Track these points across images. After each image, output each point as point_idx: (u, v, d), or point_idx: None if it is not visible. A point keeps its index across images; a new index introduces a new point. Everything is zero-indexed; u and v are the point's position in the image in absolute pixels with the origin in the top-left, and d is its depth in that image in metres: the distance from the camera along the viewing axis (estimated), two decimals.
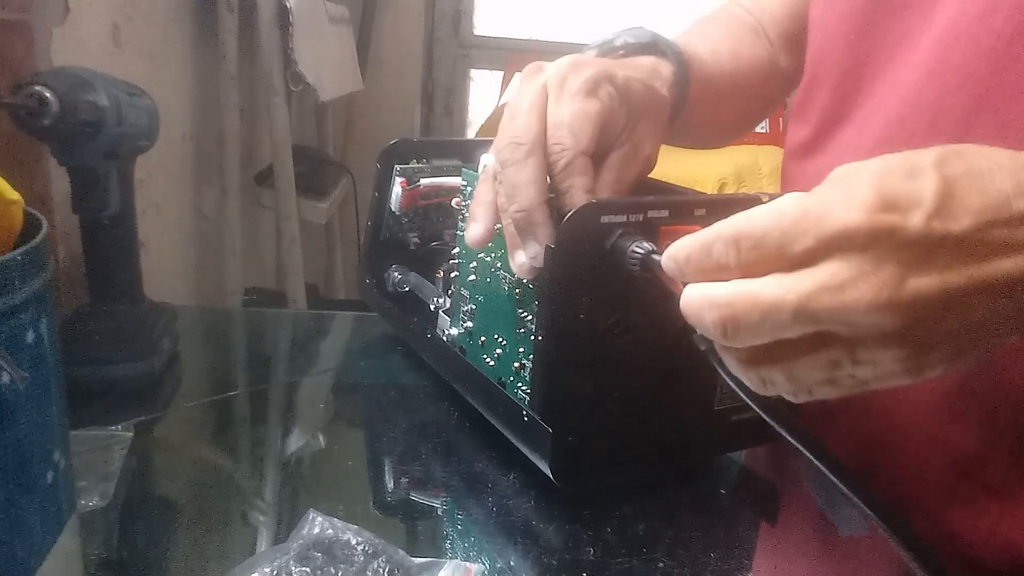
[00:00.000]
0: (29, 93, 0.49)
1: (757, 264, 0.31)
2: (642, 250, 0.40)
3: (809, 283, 0.30)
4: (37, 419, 0.34)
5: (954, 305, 0.29)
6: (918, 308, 0.29)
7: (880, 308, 0.29)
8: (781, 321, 0.30)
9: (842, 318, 0.30)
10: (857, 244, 0.29)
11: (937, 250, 0.29)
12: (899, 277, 0.29)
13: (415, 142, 0.65)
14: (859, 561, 0.48)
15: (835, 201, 0.30)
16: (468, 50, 2.35)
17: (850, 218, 0.29)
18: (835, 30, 0.59)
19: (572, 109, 0.45)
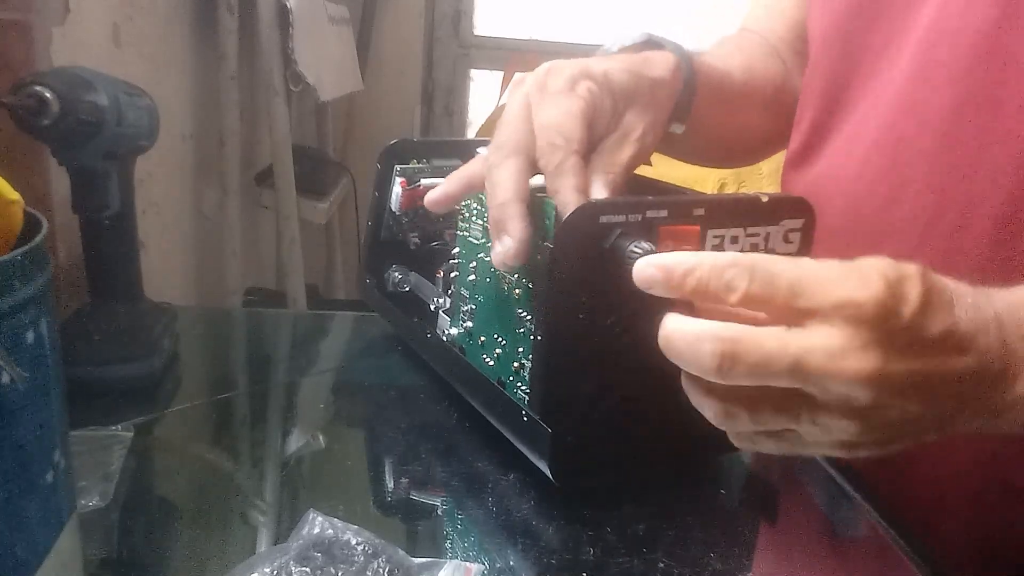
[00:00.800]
0: (29, 93, 0.49)
1: (761, 300, 0.33)
2: (641, 250, 0.40)
3: (809, 342, 0.32)
4: (37, 419, 0.34)
5: (914, 390, 0.33)
6: (886, 389, 0.32)
7: (861, 381, 0.32)
8: (775, 371, 0.32)
9: (825, 383, 0.32)
10: (862, 318, 0.32)
11: (914, 344, 0.33)
12: (884, 359, 0.32)
13: (415, 142, 0.65)
14: (859, 561, 0.48)
15: (852, 275, 0.33)
16: (468, 50, 2.35)
17: (863, 293, 0.32)
18: (821, 42, 0.59)
19: (556, 110, 0.46)
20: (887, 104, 0.53)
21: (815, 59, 0.60)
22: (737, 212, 0.46)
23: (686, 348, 0.34)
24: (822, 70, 0.59)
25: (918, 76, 0.50)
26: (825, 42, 0.59)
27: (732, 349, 0.33)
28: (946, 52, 0.48)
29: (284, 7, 1.38)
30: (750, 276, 0.33)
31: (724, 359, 0.33)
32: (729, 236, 0.46)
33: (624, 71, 0.49)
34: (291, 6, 1.37)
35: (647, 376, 0.46)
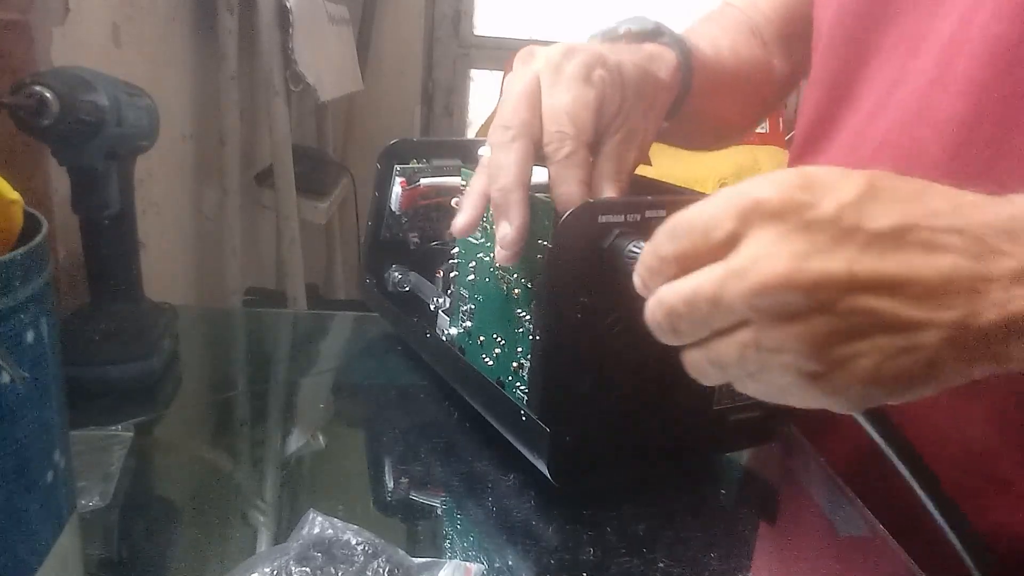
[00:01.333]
0: (29, 93, 0.49)
1: (690, 255, 0.32)
2: (639, 249, 0.40)
3: (723, 269, 0.30)
4: (37, 419, 0.34)
5: (867, 293, 0.29)
6: (821, 289, 0.29)
7: (778, 282, 0.29)
8: (702, 311, 0.31)
9: (749, 302, 0.30)
10: (766, 215, 0.29)
11: (847, 238, 0.29)
12: (803, 254, 0.29)
13: (415, 142, 0.65)
14: (859, 561, 0.48)
15: (756, 182, 0.31)
16: (468, 50, 2.35)
17: (763, 191, 0.30)
18: (829, 32, 0.59)
19: (570, 96, 0.45)
20: (900, 107, 0.52)
21: (822, 50, 0.60)
22: None
23: (654, 326, 0.33)
24: (828, 62, 0.59)
25: (937, 83, 0.50)
26: (832, 34, 0.59)
27: (669, 308, 0.32)
28: (966, 63, 0.48)
29: (284, 7, 1.38)
30: (672, 237, 0.32)
31: (671, 317, 0.32)
32: None
33: (635, 66, 0.48)
34: (291, 6, 1.37)
35: (646, 376, 0.46)
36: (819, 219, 0.29)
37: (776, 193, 0.30)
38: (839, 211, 0.29)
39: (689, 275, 0.32)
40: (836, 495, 0.51)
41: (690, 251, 0.32)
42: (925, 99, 0.50)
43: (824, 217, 0.29)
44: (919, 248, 0.29)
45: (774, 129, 2.24)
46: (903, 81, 0.53)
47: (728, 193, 0.31)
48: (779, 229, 0.29)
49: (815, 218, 0.29)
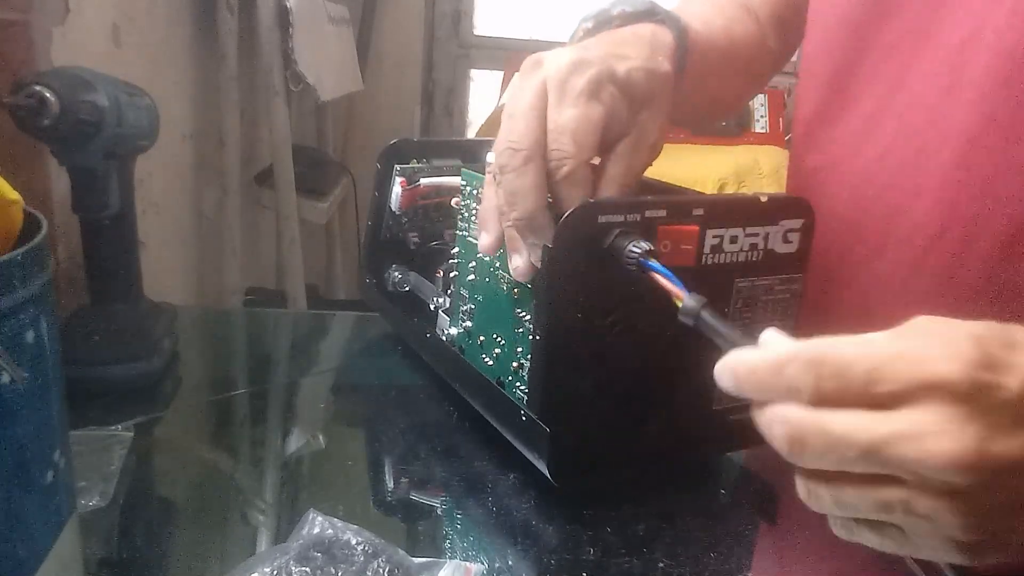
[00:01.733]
0: (29, 93, 0.49)
1: (834, 397, 0.29)
2: (639, 249, 0.40)
3: (887, 427, 0.29)
4: (37, 419, 0.34)
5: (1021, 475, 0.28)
6: (995, 471, 0.28)
7: (959, 465, 0.28)
8: (847, 457, 0.29)
9: (915, 468, 0.28)
10: (953, 396, 0.28)
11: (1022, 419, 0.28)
12: (986, 438, 0.28)
13: (415, 142, 0.65)
14: (859, 561, 0.48)
15: (935, 350, 0.29)
16: (468, 50, 2.35)
17: (952, 369, 0.28)
18: (829, 25, 0.59)
19: (575, 115, 0.44)
20: (906, 112, 0.52)
21: (819, 43, 0.60)
22: (736, 212, 0.46)
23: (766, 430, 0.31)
24: (825, 57, 0.59)
25: (948, 92, 0.49)
26: (830, 27, 0.58)
27: (799, 435, 0.30)
28: (978, 72, 0.47)
29: (284, 7, 1.38)
30: (816, 372, 0.30)
31: (792, 443, 0.30)
32: (728, 236, 0.46)
33: (642, 71, 0.47)
34: (291, 6, 1.37)
35: (646, 376, 0.46)
36: (1004, 402, 0.28)
37: (961, 373, 0.28)
38: (1020, 394, 0.28)
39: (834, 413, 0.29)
40: None
41: (837, 395, 0.30)
42: (935, 107, 0.50)
43: (1008, 400, 0.28)
44: None
45: (774, 129, 2.24)
46: (906, 83, 0.52)
47: (896, 350, 0.29)
48: (964, 409, 0.28)
49: (1000, 401, 0.28)
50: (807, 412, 0.30)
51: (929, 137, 0.50)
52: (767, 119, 2.25)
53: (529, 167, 0.43)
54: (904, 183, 0.52)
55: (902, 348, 0.30)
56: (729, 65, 0.62)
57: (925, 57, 0.51)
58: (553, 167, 0.44)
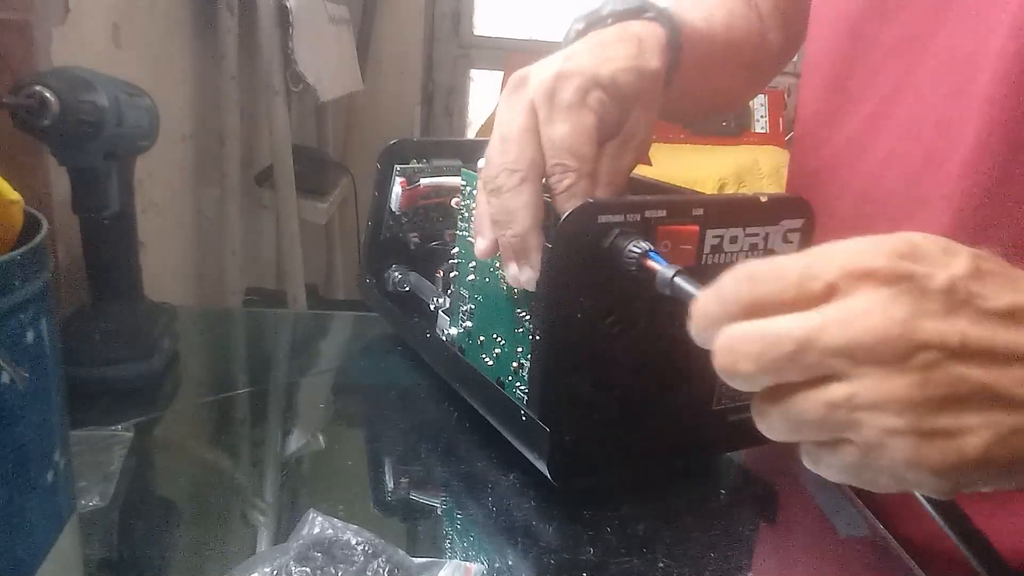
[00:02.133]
0: (29, 93, 0.49)
1: (772, 302, 0.29)
2: (639, 249, 0.40)
3: (818, 318, 0.28)
4: (37, 419, 0.34)
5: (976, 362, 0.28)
6: (932, 348, 0.27)
7: (885, 339, 0.27)
8: (783, 355, 0.29)
9: (847, 354, 0.28)
10: (879, 280, 0.28)
11: (959, 310, 0.28)
12: (913, 316, 0.28)
13: (415, 142, 0.65)
14: (859, 561, 0.48)
15: (862, 244, 0.29)
16: (468, 50, 2.35)
17: (876, 258, 0.29)
18: (831, 24, 0.58)
19: (568, 128, 0.44)
20: (909, 115, 0.52)
21: (820, 43, 0.60)
22: (736, 212, 0.46)
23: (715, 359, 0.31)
24: (828, 54, 0.59)
25: (955, 98, 0.49)
26: (832, 25, 0.58)
27: (731, 351, 0.30)
28: (985, 79, 0.47)
29: (284, 7, 1.38)
30: (752, 281, 0.30)
31: (728, 362, 0.30)
32: (728, 236, 0.46)
33: (628, 71, 0.47)
34: (291, 6, 1.37)
35: (646, 376, 0.46)
36: (931, 289, 0.28)
37: (887, 259, 0.28)
38: (951, 283, 0.28)
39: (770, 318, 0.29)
40: (836, 495, 0.51)
41: (772, 298, 0.30)
42: (942, 113, 0.50)
43: (936, 287, 0.28)
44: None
45: (774, 129, 2.24)
46: (908, 85, 0.52)
47: (828, 250, 0.30)
48: (891, 291, 0.28)
49: (927, 287, 0.28)
50: (742, 323, 0.30)
51: (937, 144, 0.50)
52: (767, 119, 2.25)
53: (524, 187, 0.44)
54: (910, 190, 0.51)
55: (833, 246, 0.30)
56: (730, 59, 0.62)
57: (928, 60, 0.51)
58: (553, 182, 0.44)
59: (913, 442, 0.28)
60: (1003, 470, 0.29)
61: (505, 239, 0.45)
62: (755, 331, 0.29)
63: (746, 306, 0.30)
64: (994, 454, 0.28)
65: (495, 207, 0.45)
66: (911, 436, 0.28)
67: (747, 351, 0.29)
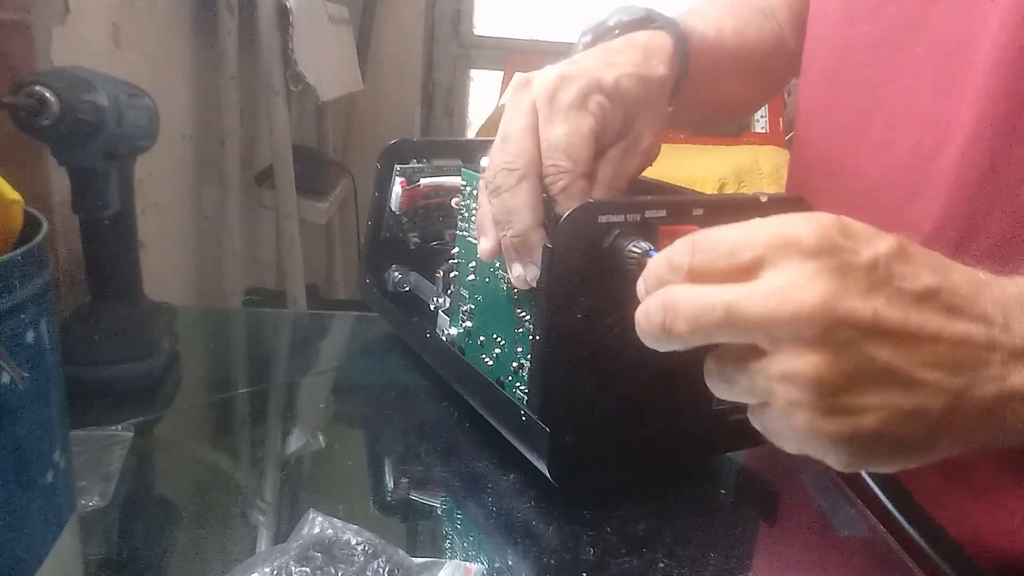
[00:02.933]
0: (29, 93, 0.49)
1: (706, 270, 0.32)
2: (639, 249, 0.41)
3: (746, 289, 0.30)
4: (37, 419, 0.34)
5: (887, 342, 0.29)
6: (845, 327, 0.29)
7: (804, 314, 0.29)
8: (712, 321, 0.31)
9: (768, 326, 0.30)
10: (804, 253, 0.30)
11: (878, 288, 0.29)
12: (833, 293, 0.29)
13: (415, 142, 0.65)
14: (859, 561, 0.48)
15: (794, 218, 0.31)
16: (468, 50, 2.35)
17: (801, 230, 0.30)
18: (825, 17, 0.59)
19: (566, 130, 0.44)
20: (898, 105, 0.52)
21: (817, 33, 0.60)
22: (736, 212, 0.46)
23: (642, 320, 0.33)
24: (822, 46, 0.59)
25: (942, 89, 0.49)
26: (825, 17, 0.59)
27: (671, 309, 0.32)
28: (974, 72, 0.47)
29: (284, 7, 1.38)
30: (691, 249, 0.32)
31: (666, 319, 0.32)
32: None
33: (633, 77, 0.48)
34: (291, 6, 1.37)
35: (646, 376, 0.46)
36: (854, 264, 0.29)
37: (814, 233, 0.30)
38: (874, 261, 0.30)
39: (700, 286, 0.32)
40: (836, 495, 0.51)
41: (706, 266, 0.32)
42: (931, 105, 0.50)
43: (859, 264, 0.30)
44: (941, 311, 0.30)
45: (774, 129, 2.24)
46: (897, 76, 0.52)
47: (761, 223, 0.32)
48: (813, 266, 0.29)
49: (851, 263, 0.29)
50: (677, 286, 0.32)
51: (926, 135, 0.50)
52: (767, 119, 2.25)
53: (523, 186, 0.44)
54: (900, 180, 0.52)
55: (765, 221, 0.32)
56: (741, 66, 0.62)
57: (917, 50, 0.51)
58: (549, 182, 0.44)
59: (813, 415, 0.30)
60: (899, 449, 0.31)
61: (507, 239, 0.45)
62: (689, 294, 0.31)
63: (686, 272, 0.32)
64: (889, 433, 0.30)
65: (496, 207, 0.45)
66: (812, 410, 0.30)
67: (683, 311, 0.31)
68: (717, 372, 0.33)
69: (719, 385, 0.34)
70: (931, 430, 0.30)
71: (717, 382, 0.34)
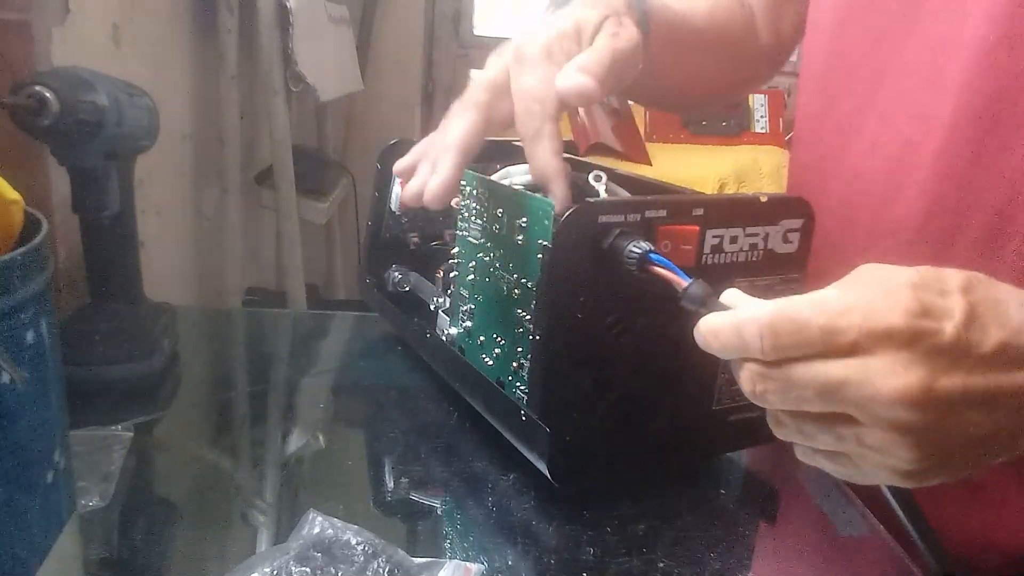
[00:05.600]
0: (29, 93, 0.49)
1: (795, 352, 0.33)
2: (640, 250, 0.41)
3: (843, 372, 0.32)
4: (37, 419, 0.34)
5: (972, 408, 0.32)
6: (940, 406, 0.32)
7: (906, 402, 0.31)
8: (805, 397, 0.33)
9: (866, 406, 0.32)
10: (899, 343, 0.32)
11: (963, 359, 0.32)
12: (929, 377, 0.31)
13: (415, 142, 0.65)
14: (859, 561, 0.48)
15: (878, 302, 0.32)
16: (468, 50, 2.35)
17: (895, 319, 0.32)
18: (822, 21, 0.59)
19: (533, 78, 0.46)
20: (888, 104, 0.53)
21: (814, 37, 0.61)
22: (736, 212, 0.46)
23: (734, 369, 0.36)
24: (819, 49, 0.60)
25: (930, 85, 0.50)
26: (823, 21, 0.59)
27: (763, 380, 0.34)
28: (957, 65, 0.48)
29: (284, 7, 1.38)
30: (773, 332, 0.33)
31: (755, 382, 0.34)
32: (728, 236, 0.46)
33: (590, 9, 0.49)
34: (291, 6, 1.37)
35: (646, 376, 0.46)
36: (941, 346, 0.32)
37: (904, 321, 0.32)
38: (956, 337, 0.32)
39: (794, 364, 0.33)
40: (836, 495, 0.51)
41: (793, 350, 0.33)
42: (918, 100, 0.51)
43: (944, 344, 0.32)
44: (1011, 365, 0.32)
45: (774, 129, 2.24)
46: (888, 76, 0.53)
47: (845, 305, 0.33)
48: (908, 354, 0.32)
49: (938, 345, 0.32)
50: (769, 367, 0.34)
51: (913, 130, 0.51)
52: (767, 119, 2.25)
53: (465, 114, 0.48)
54: (890, 176, 0.52)
55: (850, 302, 0.33)
56: (708, 43, 0.63)
57: (907, 50, 0.52)
58: (522, 131, 0.46)
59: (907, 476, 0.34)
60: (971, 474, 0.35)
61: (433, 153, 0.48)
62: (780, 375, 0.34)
63: (767, 353, 0.33)
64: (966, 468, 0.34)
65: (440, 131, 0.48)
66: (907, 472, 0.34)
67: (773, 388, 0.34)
68: (794, 427, 0.35)
69: (793, 435, 0.36)
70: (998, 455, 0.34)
71: (791, 432, 0.36)
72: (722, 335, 0.35)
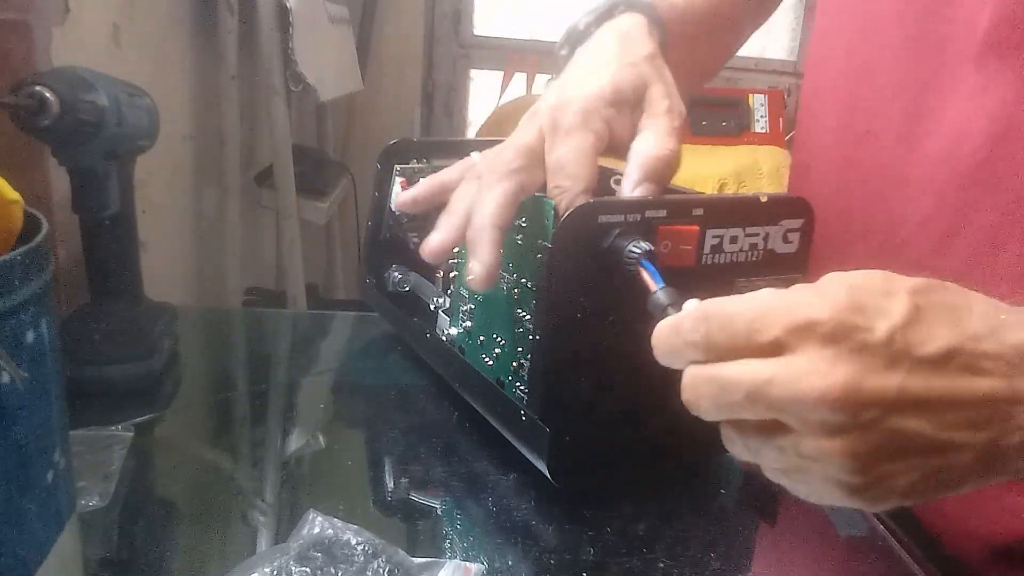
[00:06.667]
0: (29, 93, 0.49)
1: (725, 346, 0.32)
2: (639, 250, 0.41)
3: (768, 371, 0.30)
4: (37, 419, 0.34)
5: (910, 413, 0.30)
6: (870, 409, 0.29)
7: (828, 401, 0.29)
8: (735, 401, 0.31)
9: (793, 408, 0.30)
10: (822, 338, 0.30)
11: (900, 360, 0.30)
12: (856, 376, 0.29)
13: (415, 142, 0.65)
14: (859, 561, 0.48)
15: (807, 297, 0.31)
16: (468, 50, 2.35)
17: (816, 311, 0.30)
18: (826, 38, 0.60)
19: (567, 147, 0.45)
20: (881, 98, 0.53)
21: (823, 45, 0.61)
22: (736, 212, 0.46)
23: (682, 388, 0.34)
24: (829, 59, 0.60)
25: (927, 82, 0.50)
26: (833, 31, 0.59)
27: (691, 383, 0.33)
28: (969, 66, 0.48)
29: (284, 7, 1.38)
30: (706, 325, 0.32)
31: (688, 395, 0.33)
32: (728, 236, 0.46)
33: (623, 70, 0.48)
34: (291, 6, 1.37)
35: (646, 375, 0.46)
36: (872, 343, 0.30)
37: (829, 315, 0.30)
38: (890, 335, 0.30)
39: (724, 363, 0.32)
40: None
41: (723, 343, 0.32)
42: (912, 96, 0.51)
43: (877, 342, 0.30)
44: (961, 372, 0.30)
45: (774, 129, 2.24)
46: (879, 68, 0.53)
47: (775, 301, 0.32)
48: (833, 350, 0.30)
49: (868, 342, 0.30)
50: (703, 365, 0.32)
51: (909, 127, 0.51)
52: (767, 119, 2.25)
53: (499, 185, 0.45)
54: (885, 170, 0.52)
55: (780, 298, 0.32)
56: (712, 25, 0.63)
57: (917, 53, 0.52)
58: (555, 203, 0.45)
59: (849, 489, 0.31)
60: (929, 496, 0.32)
61: (468, 233, 0.46)
62: (710, 375, 0.32)
63: (700, 348, 0.32)
64: (920, 487, 0.31)
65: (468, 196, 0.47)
66: (848, 485, 0.31)
67: (704, 392, 0.32)
68: (741, 442, 0.34)
69: (743, 454, 0.34)
70: (960, 479, 0.31)
71: (741, 451, 0.34)
72: (662, 335, 0.34)
